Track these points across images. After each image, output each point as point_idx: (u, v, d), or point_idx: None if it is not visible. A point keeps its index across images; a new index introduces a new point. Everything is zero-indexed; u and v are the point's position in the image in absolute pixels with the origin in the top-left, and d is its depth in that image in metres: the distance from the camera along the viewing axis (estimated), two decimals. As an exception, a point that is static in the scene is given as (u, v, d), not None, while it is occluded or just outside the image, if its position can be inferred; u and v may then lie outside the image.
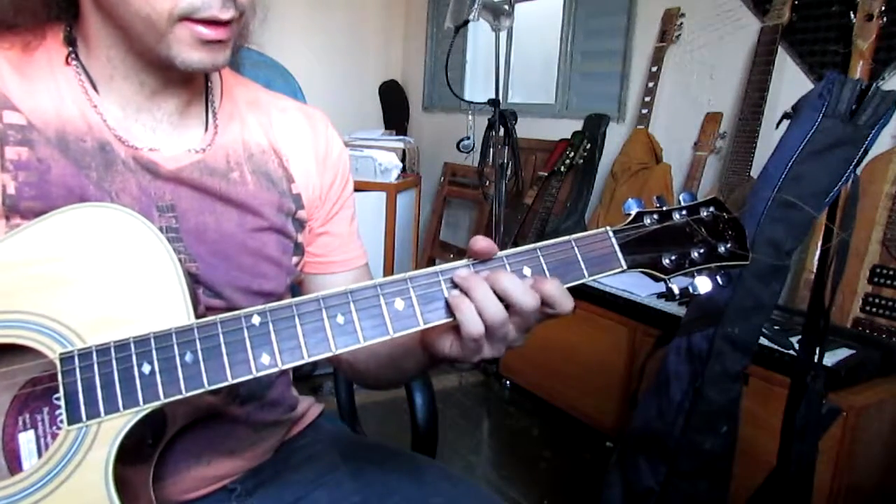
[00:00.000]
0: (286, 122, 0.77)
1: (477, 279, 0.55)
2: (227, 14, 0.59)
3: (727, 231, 0.64)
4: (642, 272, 0.61)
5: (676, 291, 0.62)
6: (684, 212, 0.63)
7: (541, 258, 0.58)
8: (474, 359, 0.57)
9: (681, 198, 0.65)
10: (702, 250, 0.62)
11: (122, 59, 0.64)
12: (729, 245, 0.63)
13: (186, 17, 0.57)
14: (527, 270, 0.58)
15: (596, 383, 2.16)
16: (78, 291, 0.55)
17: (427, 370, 0.68)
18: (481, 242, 0.56)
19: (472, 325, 0.54)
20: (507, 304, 0.55)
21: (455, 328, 0.56)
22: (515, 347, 0.58)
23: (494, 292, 0.55)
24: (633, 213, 0.62)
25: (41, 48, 0.65)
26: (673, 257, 0.61)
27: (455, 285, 0.56)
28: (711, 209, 0.64)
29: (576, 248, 0.59)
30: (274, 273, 0.73)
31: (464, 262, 0.58)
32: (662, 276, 0.61)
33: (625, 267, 0.60)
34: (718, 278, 0.63)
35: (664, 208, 0.63)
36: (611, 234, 0.60)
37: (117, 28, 0.61)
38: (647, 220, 0.62)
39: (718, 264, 0.63)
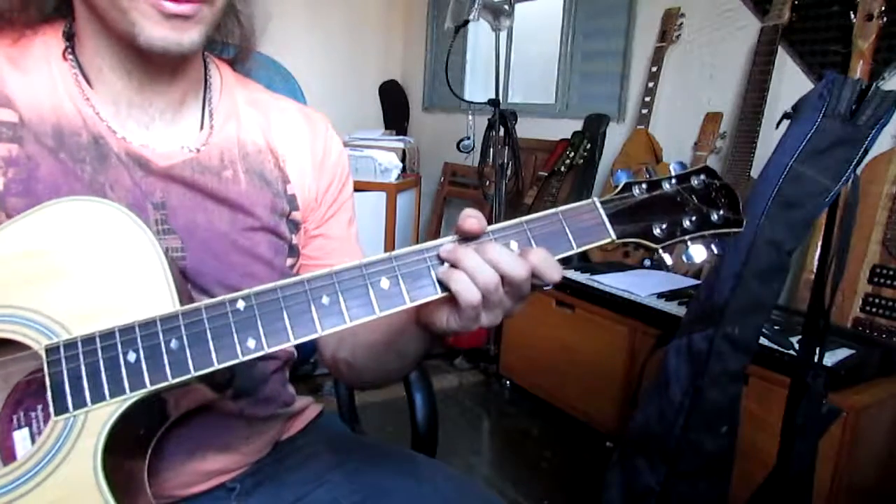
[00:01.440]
0: (285, 122, 0.77)
1: (465, 250, 0.55)
2: None
3: (720, 198, 0.62)
4: (633, 242, 0.60)
5: (669, 262, 0.61)
6: (674, 181, 0.62)
7: (527, 231, 0.58)
8: (473, 327, 0.56)
9: (671, 167, 0.63)
10: (693, 218, 0.61)
11: (106, 47, 0.64)
12: (722, 212, 0.62)
13: None
14: (513, 244, 0.57)
15: (596, 383, 2.16)
16: (64, 284, 0.55)
17: (427, 351, 0.67)
18: (471, 223, 0.55)
19: (469, 292, 0.53)
20: (499, 273, 0.54)
21: (450, 300, 0.56)
22: (513, 314, 0.58)
23: (485, 261, 0.54)
24: (622, 183, 0.61)
25: (39, 43, 0.65)
26: (664, 226, 0.60)
27: (442, 261, 0.55)
28: (703, 177, 0.62)
29: (563, 220, 0.58)
30: (265, 273, 0.72)
31: (450, 238, 0.57)
32: (653, 245, 0.60)
33: (613, 237, 0.59)
34: (713, 246, 0.62)
35: (653, 178, 0.62)
36: (598, 204, 0.59)
37: (93, 11, 0.61)
38: (636, 190, 0.60)
39: (712, 231, 0.62)
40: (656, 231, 0.60)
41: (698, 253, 0.61)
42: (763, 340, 1.52)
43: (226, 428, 0.74)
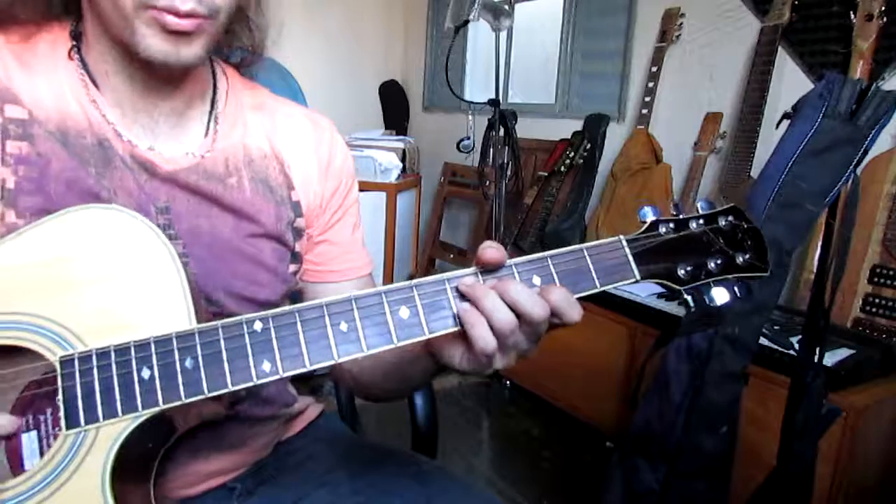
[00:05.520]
0: (291, 127, 0.77)
1: (484, 289, 0.53)
2: (185, 5, 0.57)
3: (746, 241, 0.61)
4: (656, 283, 0.59)
5: (692, 303, 0.60)
6: (701, 220, 0.61)
7: (551, 267, 0.56)
8: (486, 371, 0.55)
9: (699, 206, 0.62)
10: (719, 261, 0.60)
11: (110, 52, 0.63)
12: (748, 255, 0.61)
13: (148, 5, 0.57)
14: (536, 279, 0.56)
15: (596, 383, 2.16)
16: (81, 294, 0.54)
17: (433, 378, 0.66)
18: (490, 253, 0.54)
19: (484, 340, 0.52)
20: (517, 314, 0.53)
21: (463, 338, 0.54)
22: (528, 357, 0.56)
23: (504, 301, 0.53)
24: (649, 221, 0.60)
25: (45, 41, 0.65)
26: (689, 268, 0.59)
27: (461, 295, 0.54)
28: (730, 218, 0.61)
29: (587, 258, 0.57)
30: (268, 280, 0.72)
31: (471, 270, 0.56)
32: (677, 286, 0.59)
33: (638, 277, 0.57)
34: (736, 289, 0.60)
35: (680, 216, 0.60)
36: (624, 243, 0.58)
37: (100, 18, 0.61)
38: (663, 229, 0.59)
39: (736, 275, 0.60)
40: (681, 272, 0.59)
41: (720, 295, 0.60)
42: (763, 340, 1.52)
43: (227, 428, 0.74)
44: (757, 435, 1.49)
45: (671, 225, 0.60)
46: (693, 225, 0.60)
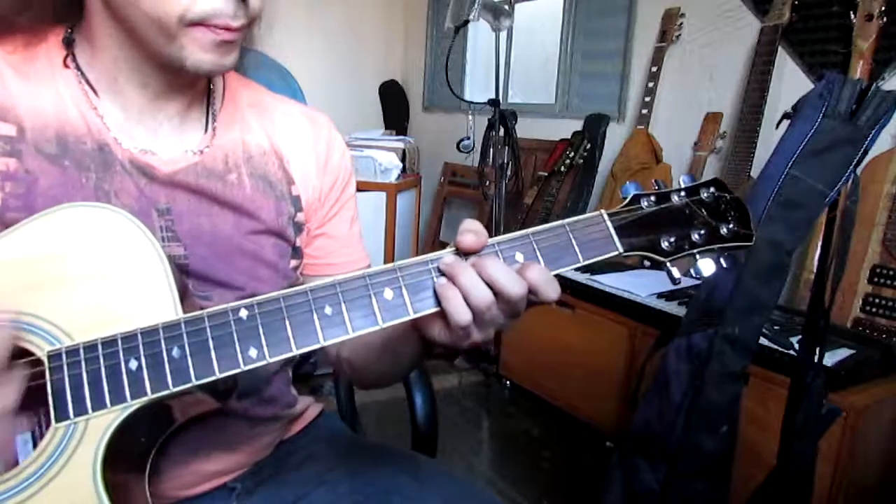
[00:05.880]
0: (289, 124, 0.77)
1: (463, 266, 0.54)
2: (238, 22, 0.59)
3: (729, 212, 0.61)
4: (640, 255, 0.59)
5: (677, 275, 0.60)
6: (683, 193, 0.61)
7: (533, 244, 0.57)
8: (464, 344, 0.56)
9: (681, 180, 0.62)
10: (702, 232, 0.60)
11: (127, 59, 0.64)
12: (731, 226, 0.61)
13: (199, 23, 0.58)
14: (519, 256, 0.56)
15: (596, 383, 2.16)
16: (68, 291, 0.55)
17: (422, 357, 0.67)
18: (468, 240, 0.54)
19: (459, 314, 0.53)
20: (495, 291, 0.53)
21: (443, 314, 0.55)
22: (506, 329, 0.57)
23: (482, 279, 0.53)
24: (630, 196, 0.60)
25: (43, 49, 0.65)
26: (672, 239, 0.59)
27: (442, 273, 0.55)
28: (712, 190, 0.62)
29: (570, 233, 0.57)
30: (269, 276, 0.73)
31: (452, 249, 0.56)
32: (661, 258, 0.60)
33: (621, 250, 0.58)
34: (722, 260, 0.61)
35: (662, 190, 0.61)
36: (606, 217, 0.58)
37: (125, 29, 0.62)
38: (645, 203, 0.60)
39: (721, 245, 0.61)
40: (664, 244, 0.59)
41: (707, 267, 0.60)
42: (763, 340, 1.52)
43: (229, 428, 0.74)
44: (757, 435, 1.49)
45: (653, 198, 0.60)
46: (675, 198, 0.61)
